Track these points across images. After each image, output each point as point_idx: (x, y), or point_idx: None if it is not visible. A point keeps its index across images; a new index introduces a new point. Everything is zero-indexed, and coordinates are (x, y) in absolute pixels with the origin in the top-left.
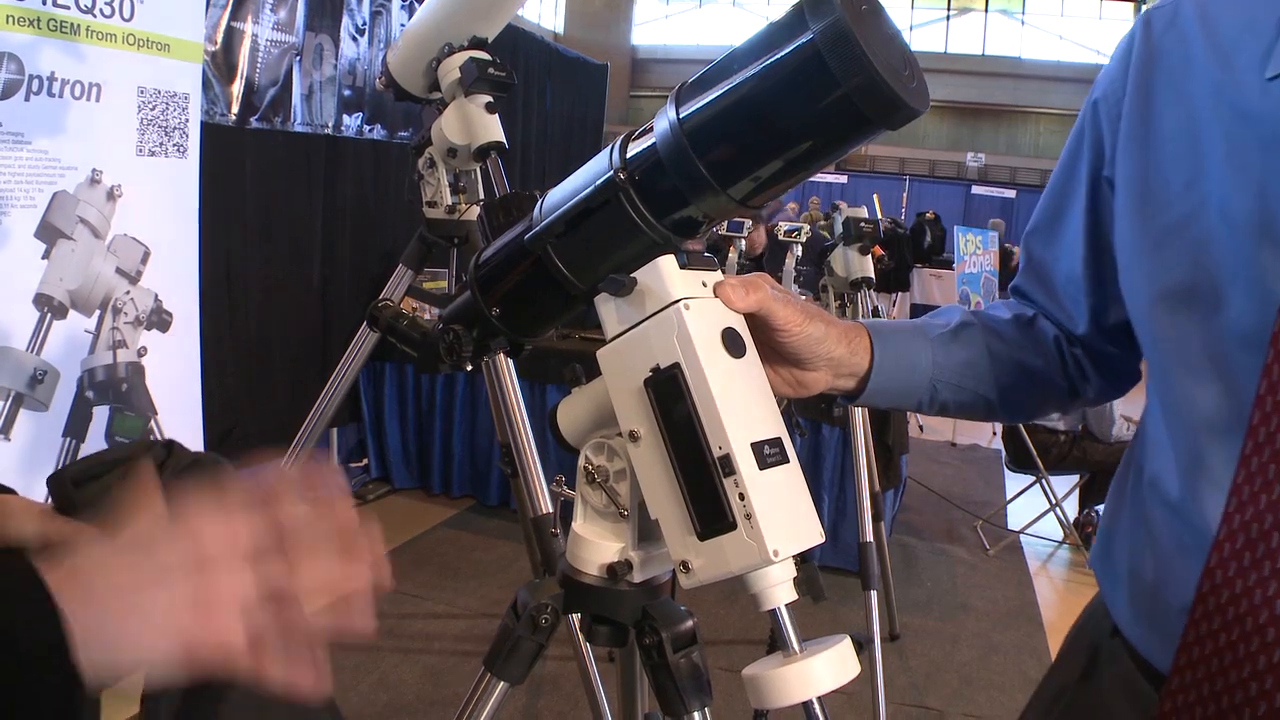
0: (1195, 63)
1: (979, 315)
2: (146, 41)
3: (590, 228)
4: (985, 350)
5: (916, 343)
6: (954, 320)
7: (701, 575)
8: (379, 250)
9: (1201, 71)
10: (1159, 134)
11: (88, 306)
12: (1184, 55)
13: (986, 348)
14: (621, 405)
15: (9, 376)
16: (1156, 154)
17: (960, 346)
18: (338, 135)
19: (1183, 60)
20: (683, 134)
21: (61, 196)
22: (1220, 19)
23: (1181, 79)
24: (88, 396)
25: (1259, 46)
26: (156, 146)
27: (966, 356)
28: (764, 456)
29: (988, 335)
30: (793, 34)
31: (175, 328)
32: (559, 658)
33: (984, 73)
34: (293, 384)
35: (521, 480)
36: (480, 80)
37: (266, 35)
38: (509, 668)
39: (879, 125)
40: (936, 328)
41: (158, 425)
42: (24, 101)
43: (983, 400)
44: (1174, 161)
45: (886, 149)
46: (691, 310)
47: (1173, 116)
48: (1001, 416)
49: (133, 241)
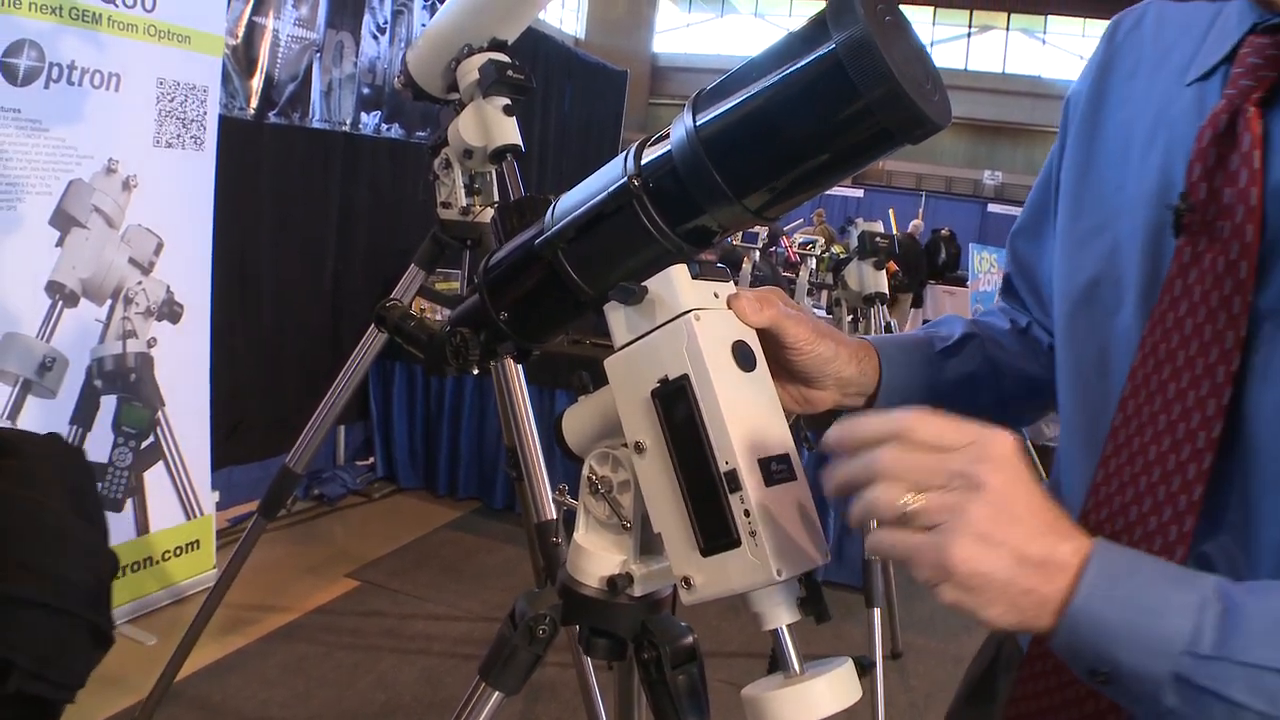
0: (1142, 66)
1: (979, 326)
2: (167, 33)
3: (602, 234)
4: (988, 362)
5: (921, 361)
6: (956, 333)
7: (703, 592)
8: (393, 249)
9: (1144, 75)
10: (1103, 136)
11: (99, 295)
12: (1136, 59)
13: (989, 359)
14: (628, 416)
15: (18, 363)
16: (1098, 156)
17: (963, 360)
18: (355, 133)
19: (1134, 64)
20: (699, 142)
21: (77, 185)
22: (1169, 24)
23: (1129, 82)
24: (96, 385)
25: (1189, 51)
26: (174, 138)
27: (970, 370)
28: (771, 473)
29: (990, 346)
30: (814, 43)
31: (186, 320)
32: (559, 664)
33: (1004, 91)
34: (302, 380)
35: (527, 485)
36: (499, 82)
37: (288, 31)
38: (504, 678)
39: (900, 138)
40: (940, 340)
41: (165, 417)
42: (43, 89)
43: (985, 412)
44: (1110, 164)
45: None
46: (702, 322)
47: (1116, 120)
48: (1005, 425)
49: (146, 232)
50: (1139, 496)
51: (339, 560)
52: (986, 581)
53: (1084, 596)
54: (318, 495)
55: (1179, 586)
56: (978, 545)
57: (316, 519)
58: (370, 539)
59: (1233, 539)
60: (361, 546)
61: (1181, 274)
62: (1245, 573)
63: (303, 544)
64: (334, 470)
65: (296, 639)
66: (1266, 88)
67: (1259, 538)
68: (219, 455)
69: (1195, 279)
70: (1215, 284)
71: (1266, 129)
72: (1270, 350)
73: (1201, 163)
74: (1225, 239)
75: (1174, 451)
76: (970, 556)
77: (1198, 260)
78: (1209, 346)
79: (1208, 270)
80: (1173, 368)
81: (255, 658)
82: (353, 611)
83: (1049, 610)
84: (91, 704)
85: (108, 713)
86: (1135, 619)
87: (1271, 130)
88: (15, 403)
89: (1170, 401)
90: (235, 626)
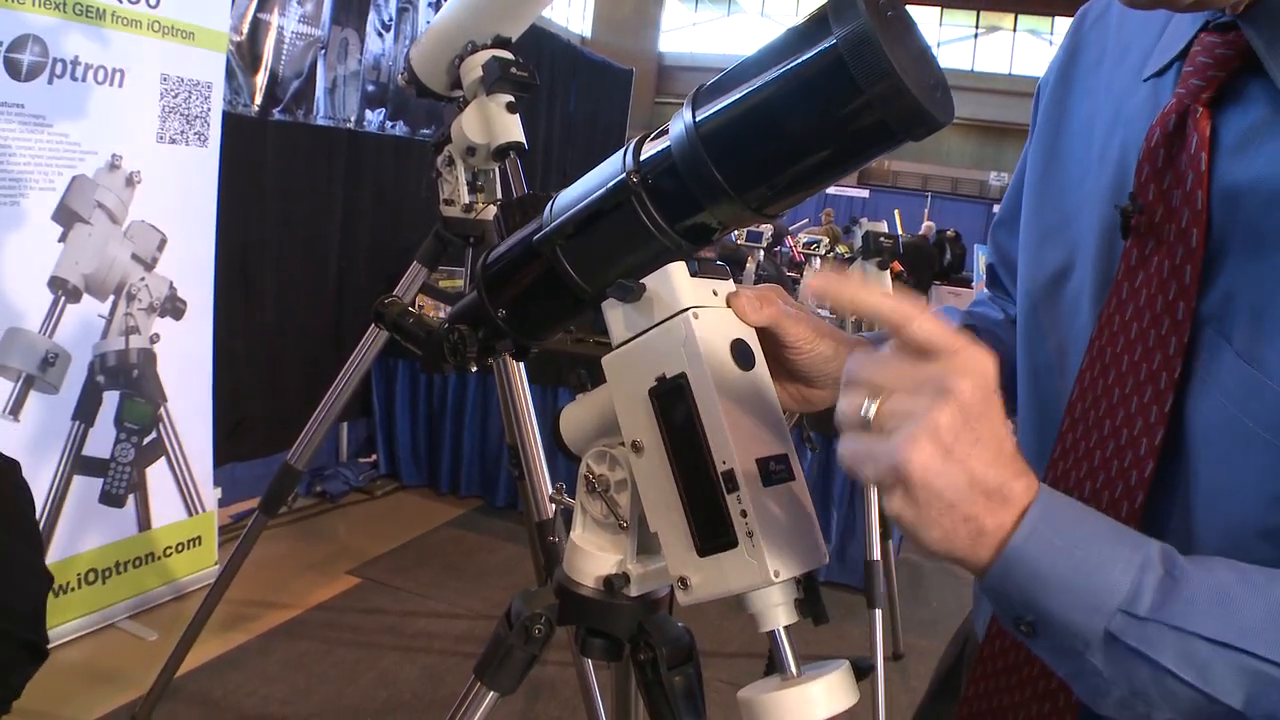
0: (1106, 57)
1: (975, 317)
2: (171, 29)
3: (600, 231)
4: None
5: None
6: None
7: (700, 593)
8: (397, 247)
9: (1107, 67)
10: (1068, 129)
11: (102, 291)
12: (1100, 49)
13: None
14: (625, 414)
15: (21, 358)
16: (1062, 149)
17: None
18: (360, 130)
19: (1098, 55)
20: (698, 138)
21: (80, 180)
22: (1132, 15)
23: (1093, 73)
24: (98, 381)
25: (1147, 45)
26: (177, 134)
27: None
28: (769, 473)
29: (986, 338)
30: (814, 38)
31: (189, 316)
32: (559, 663)
33: (1010, 92)
34: (305, 378)
35: (528, 483)
36: (502, 79)
37: (292, 27)
38: (500, 677)
39: (901, 135)
40: None
41: (167, 412)
42: (47, 84)
43: None
44: (1074, 158)
45: (909, 165)
46: (700, 320)
47: (1080, 111)
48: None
49: (150, 228)
50: (1084, 501)
51: (341, 557)
52: (934, 497)
53: (1024, 536)
54: (320, 492)
55: (1123, 544)
56: (937, 455)
57: (319, 516)
58: (372, 536)
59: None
60: (363, 543)
61: (1128, 277)
62: None
63: (305, 541)
64: (336, 467)
65: (298, 635)
66: (1215, 88)
67: (1200, 547)
68: (221, 451)
69: (1141, 282)
70: (1160, 288)
71: (1214, 130)
72: (1209, 357)
73: (1150, 163)
74: (1171, 242)
75: (1117, 457)
76: (928, 464)
77: (1144, 263)
78: (1153, 352)
79: (1153, 274)
80: (1118, 372)
81: (256, 654)
82: (354, 608)
83: (987, 545)
84: (92, 699)
85: (108, 708)
86: (1074, 569)
87: (1220, 131)
88: (18, 398)
89: (1114, 406)
90: (236, 623)
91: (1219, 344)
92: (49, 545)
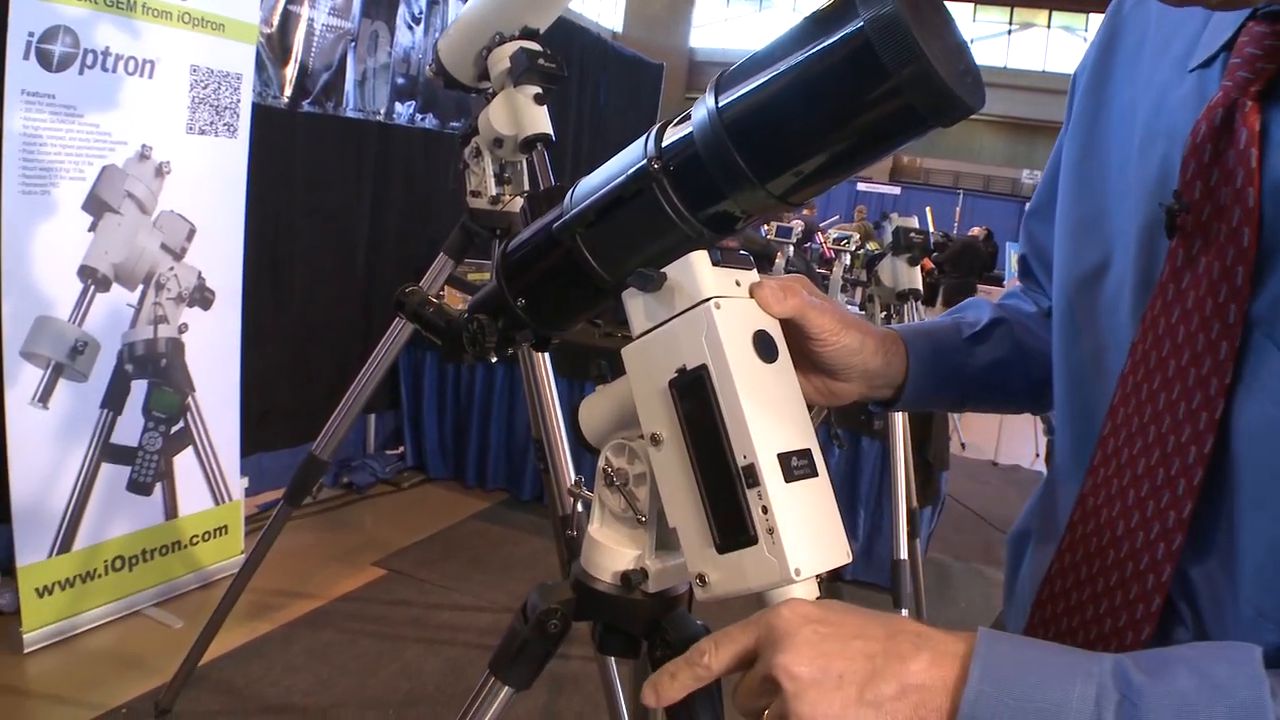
0: (1147, 44)
1: (1006, 310)
2: (202, 20)
3: (620, 219)
4: (1017, 347)
5: (950, 349)
6: (984, 318)
7: (718, 590)
8: (426, 239)
9: (1149, 54)
10: (1107, 115)
11: (131, 280)
12: (1141, 34)
13: (1018, 344)
14: (644, 406)
15: (50, 346)
16: (1101, 136)
17: (991, 347)
18: (389, 123)
19: (1138, 40)
20: (721, 124)
21: (110, 170)
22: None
23: (1134, 59)
24: (127, 370)
25: (1192, 34)
26: (207, 125)
27: (999, 356)
28: (791, 469)
29: (1018, 330)
30: (841, 21)
31: (217, 306)
32: (582, 658)
33: (1044, 89)
34: (332, 369)
35: (553, 477)
36: (530, 71)
37: (323, 20)
38: (514, 672)
39: (930, 120)
40: (968, 326)
41: (195, 402)
42: (78, 75)
43: (1013, 398)
44: (1114, 145)
45: (941, 162)
46: (722, 310)
47: (1121, 97)
48: (1033, 409)
49: (179, 218)
50: (1126, 510)
51: (367, 548)
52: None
53: (971, 704)
54: (347, 483)
55: (1073, 678)
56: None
57: (345, 507)
58: (398, 528)
59: (1218, 562)
60: (389, 535)
61: (1174, 278)
62: (1226, 598)
63: (331, 531)
64: (364, 459)
65: (322, 626)
66: (1265, 80)
67: (1242, 560)
68: (248, 441)
69: (1189, 284)
70: (1210, 291)
71: (1265, 125)
72: (1258, 361)
73: (1196, 159)
74: (1221, 243)
75: (1163, 465)
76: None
77: (1192, 264)
78: (1201, 357)
79: (1202, 275)
80: (1164, 376)
81: (280, 644)
82: (379, 600)
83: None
84: (117, 685)
85: (133, 694)
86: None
87: (1270, 126)
88: (47, 386)
89: (1160, 412)
90: (261, 612)
91: (1267, 348)
92: (77, 532)
